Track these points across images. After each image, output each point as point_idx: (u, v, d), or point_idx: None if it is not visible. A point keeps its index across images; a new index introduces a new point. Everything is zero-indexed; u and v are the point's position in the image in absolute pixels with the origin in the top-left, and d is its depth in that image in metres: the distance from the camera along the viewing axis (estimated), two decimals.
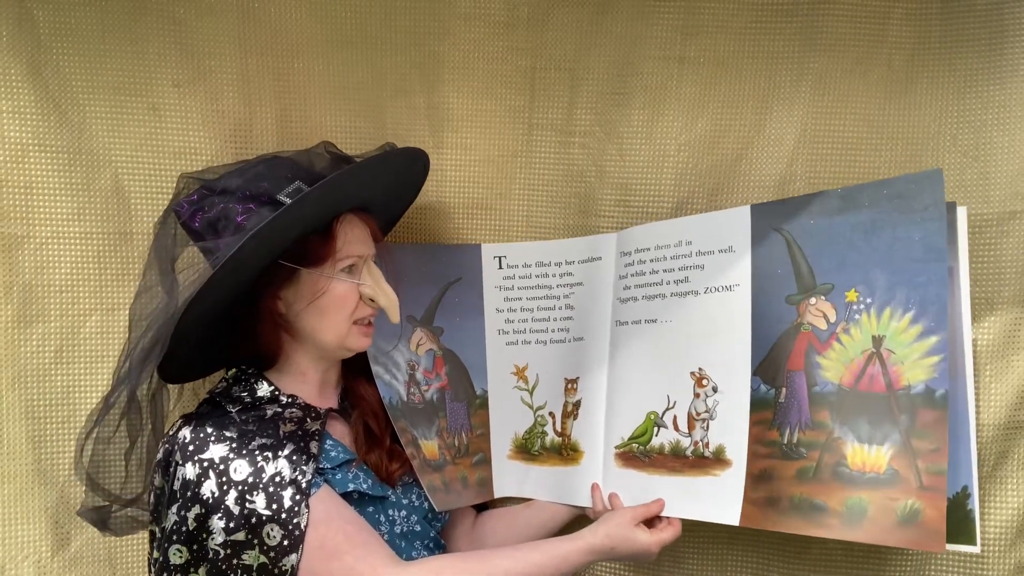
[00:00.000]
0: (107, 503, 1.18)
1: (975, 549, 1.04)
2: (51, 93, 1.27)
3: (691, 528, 1.32)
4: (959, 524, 1.02)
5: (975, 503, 1.03)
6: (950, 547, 1.04)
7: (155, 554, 1.05)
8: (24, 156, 1.26)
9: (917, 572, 1.26)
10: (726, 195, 1.31)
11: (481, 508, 1.35)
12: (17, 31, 1.25)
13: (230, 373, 1.17)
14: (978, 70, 1.22)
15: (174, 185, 1.19)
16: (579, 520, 1.27)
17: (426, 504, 1.19)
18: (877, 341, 1.04)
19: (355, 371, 1.25)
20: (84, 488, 1.17)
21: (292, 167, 1.13)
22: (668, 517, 1.16)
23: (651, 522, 1.16)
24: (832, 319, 1.07)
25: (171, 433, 1.06)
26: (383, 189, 1.21)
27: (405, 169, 1.23)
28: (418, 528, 1.16)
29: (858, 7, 1.25)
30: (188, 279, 1.12)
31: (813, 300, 1.09)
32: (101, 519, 1.18)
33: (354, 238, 1.14)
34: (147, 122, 1.31)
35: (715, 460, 1.13)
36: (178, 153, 1.32)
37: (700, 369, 1.16)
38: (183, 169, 1.29)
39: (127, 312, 1.17)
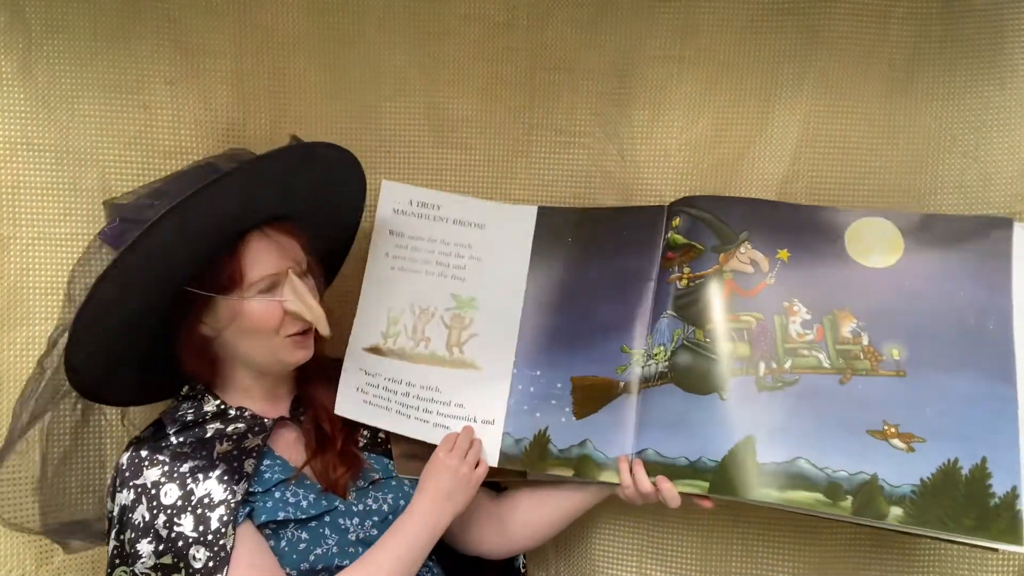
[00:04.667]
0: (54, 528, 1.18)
1: (1021, 549, 1.03)
2: (40, 91, 1.24)
3: (689, 519, 1.33)
4: (1009, 524, 1.02)
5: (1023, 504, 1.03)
6: (998, 546, 1.03)
7: None
8: (12, 155, 1.24)
9: (921, 570, 1.26)
10: (728, 194, 1.30)
11: (495, 487, 1.31)
12: (8, 28, 1.22)
13: (184, 391, 1.15)
14: (979, 70, 1.23)
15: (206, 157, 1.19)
16: (610, 500, 1.23)
17: (385, 507, 1.15)
18: None
19: (308, 375, 1.22)
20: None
21: (199, 180, 1.06)
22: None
23: None
24: None
25: (117, 458, 1.07)
26: (287, 195, 1.13)
27: (303, 168, 1.15)
28: (375, 532, 1.12)
29: (859, 6, 1.25)
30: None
31: None
32: (57, 539, 1.18)
33: (265, 255, 1.08)
34: (137, 120, 1.28)
35: None
36: (168, 152, 1.29)
37: None
38: (173, 169, 1.25)
39: None
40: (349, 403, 1.24)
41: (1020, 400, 1.05)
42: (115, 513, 1.03)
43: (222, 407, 1.13)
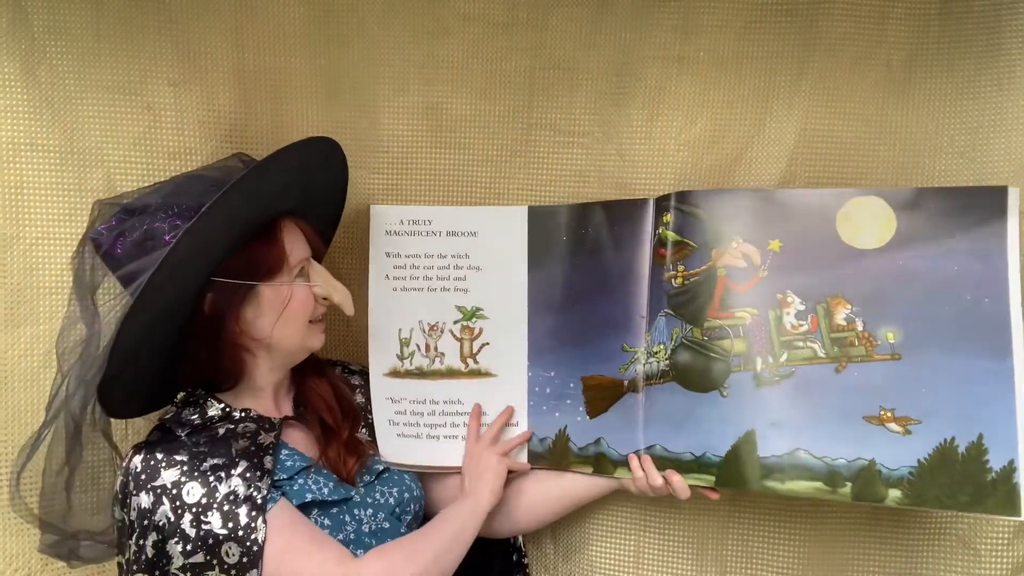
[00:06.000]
0: (69, 535, 1.17)
1: (1020, 516, 1.05)
2: (44, 91, 1.25)
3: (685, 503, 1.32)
4: (1005, 497, 1.04)
5: (1021, 476, 1.04)
6: (996, 518, 1.07)
7: None
8: (15, 155, 1.25)
9: (914, 568, 1.27)
10: None
11: None
12: (11, 29, 1.23)
13: (179, 397, 1.16)
14: (976, 72, 1.23)
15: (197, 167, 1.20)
16: (616, 493, 1.27)
17: (392, 500, 1.19)
18: None
19: (303, 371, 1.25)
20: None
21: (212, 181, 1.11)
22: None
23: None
24: None
25: (124, 464, 1.06)
26: (304, 187, 1.19)
27: (320, 163, 1.21)
28: (387, 525, 1.16)
29: (857, 7, 1.25)
30: (113, 309, 1.11)
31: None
32: (64, 552, 1.17)
33: (296, 242, 1.15)
34: (141, 121, 1.29)
35: None
36: (172, 153, 1.31)
37: None
38: (178, 169, 1.29)
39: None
40: (387, 445, 1.30)
41: (1018, 374, 1.05)
42: (132, 518, 1.02)
43: (227, 410, 1.14)
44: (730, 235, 1.16)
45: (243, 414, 1.14)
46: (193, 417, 1.12)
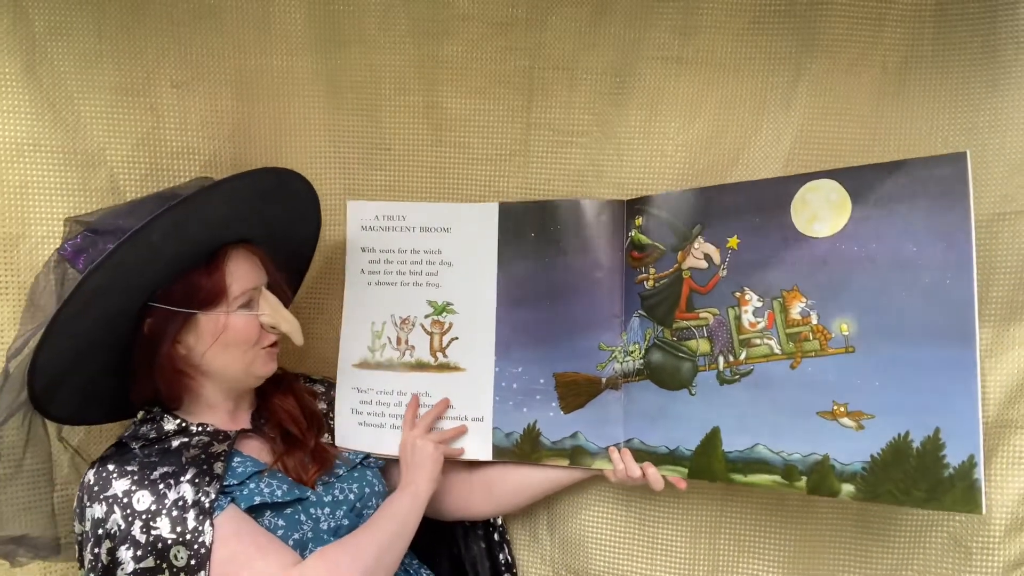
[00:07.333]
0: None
1: (981, 513, 1.01)
2: (45, 92, 1.26)
3: (678, 501, 1.36)
4: (964, 493, 0.99)
5: (981, 472, 0.99)
6: (957, 515, 1.06)
7: None
8: (19, 156, 1.26)
9: (905, 565, 1.28)
10: None
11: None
12: (12, 30, 1.24)
13: (138, 415, 1.18)
14: (970, 73, 1.24)
15: (170, 186, 1.21)
16: (601, 485, 1.31)
17: (352, 496, 1.20)
18: None
19: (267, 387, 1.26)
20: None
21: (164, 203, 1.09)
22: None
23: None
24: None
25: (81, 480, 1.08)
26: (261, 216, 1.19)
27: (273, 192, 1.20)
28: (346, 522, 1.17)
29: (854, 9, 1.26)
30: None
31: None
32: (2, 554, 1.20)
33: (243, 272, 1.15)
34: (144, 122, 1.30)
35: None
36: (176, 153, 1.32)
37: None
38: (181, 169, 1.31)
39: None
40: (346, 430, 1.33)
41: (978, 364, 1.00)
42: (87, 529, 1.04)
43: (183, 424, 1.15)
44: (693, 236, 1.19)
45: (199, 428, 1.15)
46: (150, 432, 1.14)
